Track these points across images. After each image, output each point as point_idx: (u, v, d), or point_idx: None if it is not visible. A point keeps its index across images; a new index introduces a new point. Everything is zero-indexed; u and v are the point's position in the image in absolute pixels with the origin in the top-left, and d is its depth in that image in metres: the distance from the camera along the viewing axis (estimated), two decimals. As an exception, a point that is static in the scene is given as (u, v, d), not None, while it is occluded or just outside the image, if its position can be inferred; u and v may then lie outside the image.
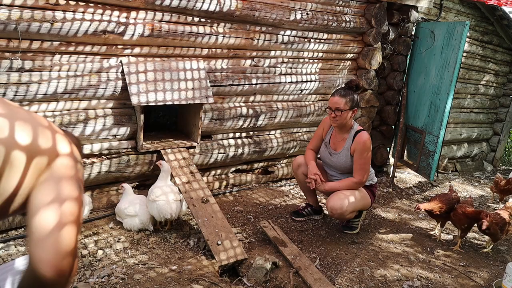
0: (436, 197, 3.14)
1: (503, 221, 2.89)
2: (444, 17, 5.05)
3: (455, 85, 3.93)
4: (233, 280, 2.35)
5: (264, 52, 3.55)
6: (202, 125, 3.30)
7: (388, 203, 3.98)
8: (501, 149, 6.91)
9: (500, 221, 2.87)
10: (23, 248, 2.39)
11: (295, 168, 3.12)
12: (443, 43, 4.02)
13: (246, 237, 2.84)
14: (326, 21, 3.70)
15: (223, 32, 3.20)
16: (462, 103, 6.03)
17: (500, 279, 2.53)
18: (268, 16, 3.32)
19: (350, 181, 2.85)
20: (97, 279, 2.15)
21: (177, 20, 2.98)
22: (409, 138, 4.59)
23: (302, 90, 3.90)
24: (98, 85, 2.74)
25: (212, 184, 3.56)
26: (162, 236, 2.68)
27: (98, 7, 2.64)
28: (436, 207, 3.01)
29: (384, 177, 4.70)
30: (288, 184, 4.01)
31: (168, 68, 2.99)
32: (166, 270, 2.30)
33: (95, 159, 2.84)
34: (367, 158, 2.82)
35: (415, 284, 2.51)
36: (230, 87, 3.41)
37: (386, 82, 4.60)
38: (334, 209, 2.75)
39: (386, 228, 3.32)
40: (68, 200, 0.99)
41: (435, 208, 3.01)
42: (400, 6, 4.29)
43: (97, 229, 2.68)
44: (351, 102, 2.76)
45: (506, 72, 6.56)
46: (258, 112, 3.63)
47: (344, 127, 2.88)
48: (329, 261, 2.67)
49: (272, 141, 3.83)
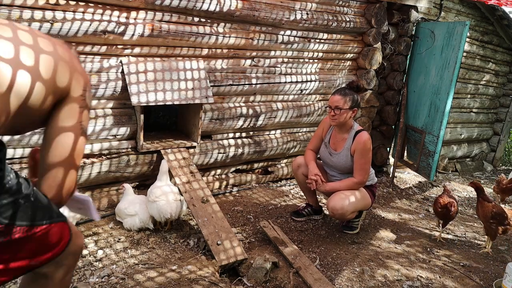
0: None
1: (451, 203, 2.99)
2: (444, 17, 5.05)
3: (455, 85, 3.93)
4: (233, 280, 2.35)
5: (264, 52, 3.55)
6: (202, 125, 3.30)
7: (388, 203, 3.98)
8: (501, 149, 6.91)
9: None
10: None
11: (295, 168, 3.12)
12: (443, 43, 4.02)
13: (246, 237, 2.84)
14: (326, 21, 3.70)
15: (223, 32, 3.20)
16: (462, 103, 6.04)
17: (500, 279, 2.53)
18: (268, 16, 3.32)
19: (350, 181, 2.85)
20: (97, 279, 2.14)
21: (177, 20, 2.98)
22: (409, 138, 4.59)
23: (302, 90, 3.90)
24: (98, 85, 2.74)
25: (212, 184, 3.55)
26: (162, 236, 2.68)
27: (98, 7, 2.64)
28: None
29: (384, 177, 4.70)
30: (288, 184, 4.01)
31: (168, 68, 2.99)
32: (166, 270, 2.30)
33: (95, 159, 2.84)
34: (368, 158, 2.82)
35: (415, 284, 2.51)
36: (230, 87, 3.41)
37: (386, 82, 4.60)
38: (335, 210, 2.75)
39: (386, 228, 3.32)
40: (81, 146, 1.22)
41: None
42: (400, 6, 4.29)
43: (97, 229, 2.68)
44: (351, 101, 2.76)
45: (506, 72, 6.56)
46: (258, 112, 3.63)
47: (344, 127, 2.88)
48: (329, 261, 2.67)
49: (272, 141, 3.83)
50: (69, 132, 1.19)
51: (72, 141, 1.20)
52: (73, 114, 1.20)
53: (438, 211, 3.06)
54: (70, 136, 1.19)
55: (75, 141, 1.20)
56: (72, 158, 1.21)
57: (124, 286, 2.11)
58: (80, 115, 1.22)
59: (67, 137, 1.19)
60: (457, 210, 3.08)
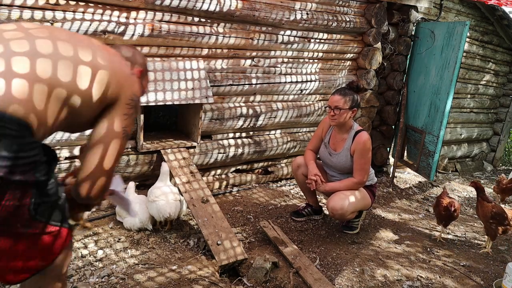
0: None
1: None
2: (444, 17, 5.05)
3: (455, 85, 3.93)
4: (233, 280, 2.35)
5: (264, 52, 3.55)
6: (202, 125, 3.30)
7: (388, 203, 3.98)
8: (501, 149, 6.91)
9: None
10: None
11: (295, 169, 3.12)
12: (443, 43, 4.02)
13: (246, 237, 2.84)
14: (326, 21, 3.70)
15: (223, 32, 3.20)
16: (462, 103, 6.04)
17: (500, 279, 2.53)
18: (268, 16, 3.32)
19: (350, 181, 2.85)
20: (97, 279, 2.14)
21: (177, 20, 2.98)
22: (409, 138, 4.59)
23: (302, 90, 3.90)
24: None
25: (212, 184, 3.55)
26: (162, 236, 2.68)
27: (98, 7, 2.64)
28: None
29: (384, 177, 4.70)
30: (288, 184, 4.01)
31: (168, 68, 2.99)
32: (166, 270, 2.30)
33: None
34: (367, 158, 2.82)
35: (415, 284, 2.51)
36: (230, 87, 3.41)
37: (386, 82, 4.60)
38: (334, 210, 2.75)
39: (386, 228, 3.32)
40: (120, 150, 1.34)
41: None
42: (400, 6, 4.29)
43: (97, 229, 2.68)
44: (350, 101, 2.76)
45: (506, 72, 6.56)
46: (258, 112, 3.63)
47: (343, 127, 2.88)
48: (329, 261, 2.67)
49: (272, 141, 3.83)
50: (112, 136, 1.30)
51: (113, 145, 1.31)
52: (118, 120, 1.31)
53: (441, 213, 3.03)
54: (113, 140, 1.31)
55: (116, 145, 1.31)
56: (110, 160, 1.31)
57: (124, 286, 2.11)
58: (125, 121, 1.33)
59: (109, 141, 1.30)
60: (459, 209, 3.07)
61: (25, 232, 1.13)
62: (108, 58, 1.30)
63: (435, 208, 3.15)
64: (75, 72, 1.19)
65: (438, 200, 3.09)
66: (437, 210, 3.10)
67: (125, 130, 1.33)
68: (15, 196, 1.06)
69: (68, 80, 1.17)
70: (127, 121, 1.34)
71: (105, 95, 1.27)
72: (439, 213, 3.08)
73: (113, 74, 1.28)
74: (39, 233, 1.17)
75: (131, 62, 1.51)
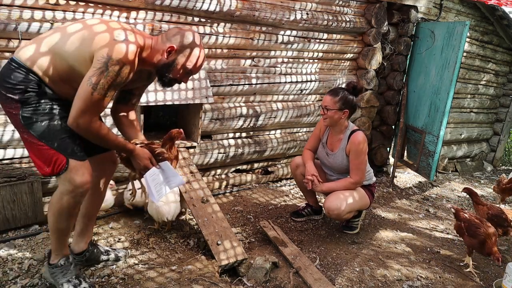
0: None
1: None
2: (444, 17, 5.05)
3: (455, 85, 3.93)
4: (233, 280, 2.35)
5: (264, 52, 3.55)
6: (202, 125, 3.29)
7: (388, 203, 3.98)
8: (501, 149, 6.91)
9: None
10: (23, 249, 2.39)
11: (294, 169, 3.12)
12: (443, 43, 4.02)
13: (246, 237, 2.84)
14: (326, 21, 3.70)
15: (223, 32, 3.20)
16: (462, 103, 6.03)
17: (500, 279, 2.53)
18: (268, 16, 3.32)
19: (347, 181, 2.85)
20: (97, 279, 2.15)
21: (177, 20, 2.98)
22: (409, 138, 4.59)
23: (302, 90, 3.90)
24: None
25: (212, 184, 3.55)
26: (162, 236, 2.68)
27: (98, 7, 2.64)
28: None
29: (384, 177, 4.70)
30: (288, 184, 4.01)
31: (168, 68, 2.98)
32: (166, 270, 2.30)
33: (95, 159, 2.85)
34: (362, 158, 2.81)
35: (415, 284, 2.51)
36: (230, 87, 3.41)
37: (386, 82, 4.60)
38: (330, 210, 2.76)
39: (386, 228, 3.32)
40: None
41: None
42: (400, 6, 4.29)
43: (97, 229, 2.68)
44: (340, 102, 2.74)
45: (506, 72, 6.56)
46: (258, 112, 3.63)
47: (337, 127, 2.87)
48: (329, 261, 2.67)
49: (272, 141, 3.83)
50: (84, 83, 1.66)
51: (83, 92, 1.68)
52: (91, 71, 1.68)
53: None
54: (83, 87, 1.66)
55: (85, 93, 1.70)
56: (82, 98, 1.68)
57: (124, 286, 2.11)
58: (97, 76, 1.69)
59: (82, 86, 1.67)
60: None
61: (27, 138, 1.68)
62: (95, 29, 1.70)
63: (465, 235, 2.73)
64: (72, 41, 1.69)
65: (464, 217, 2.73)
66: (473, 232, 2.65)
67: (95, 84, 1.63)
68: (12, 107, 1.66)
69: (68, 48, 1.68)
70: (99, 77, 1.63)
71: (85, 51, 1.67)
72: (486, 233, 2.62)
73: (91, 38, 1.66)
74: (34, 142, 1.68)
75: (167, 39, 1.82)
